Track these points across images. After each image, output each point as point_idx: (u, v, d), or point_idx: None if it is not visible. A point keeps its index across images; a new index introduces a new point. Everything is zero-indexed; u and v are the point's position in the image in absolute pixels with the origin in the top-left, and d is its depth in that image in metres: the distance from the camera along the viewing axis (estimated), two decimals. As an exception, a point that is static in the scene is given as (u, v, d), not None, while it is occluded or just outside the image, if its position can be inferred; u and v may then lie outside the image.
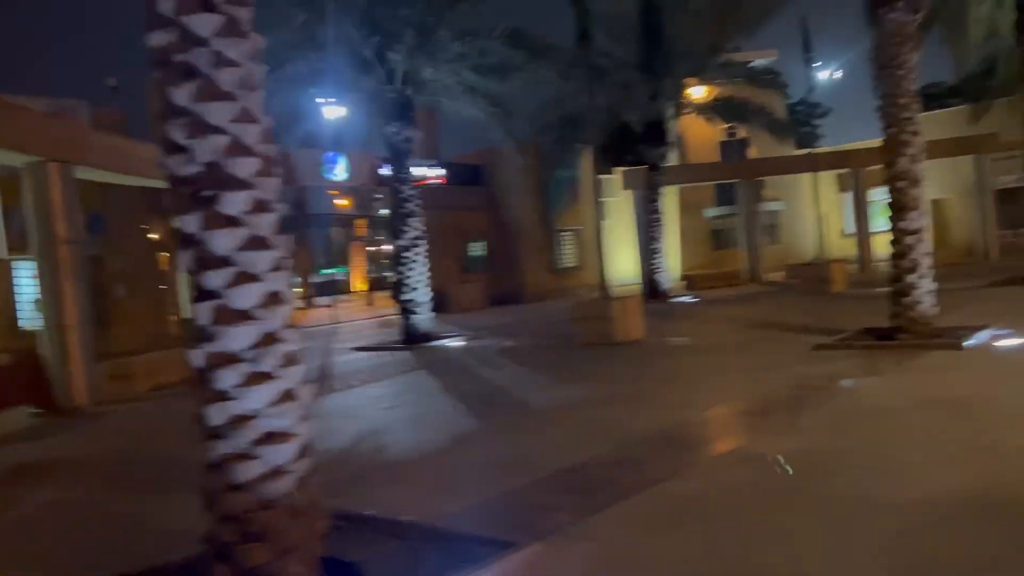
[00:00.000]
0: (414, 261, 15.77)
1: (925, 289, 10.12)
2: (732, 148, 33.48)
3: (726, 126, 31.82)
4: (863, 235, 26.87)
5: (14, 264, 13.06)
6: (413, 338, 15.66)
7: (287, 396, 3.70)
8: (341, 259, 41.29)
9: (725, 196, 31.99)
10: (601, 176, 31.69)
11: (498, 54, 15.29)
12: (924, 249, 10.16)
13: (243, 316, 3.60)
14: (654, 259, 22.62)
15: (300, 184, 24.59)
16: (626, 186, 26.81)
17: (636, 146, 22.95)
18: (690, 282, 26.33)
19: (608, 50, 21.21)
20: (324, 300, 33.07)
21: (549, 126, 22.15)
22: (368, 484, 5.83)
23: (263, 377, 3.62)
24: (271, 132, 3.83)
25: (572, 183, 29.61)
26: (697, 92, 32.18)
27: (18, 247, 12.91)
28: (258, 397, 3.59)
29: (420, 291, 15.79)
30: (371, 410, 9.10)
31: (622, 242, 32.50)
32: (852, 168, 27.19)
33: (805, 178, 33.10)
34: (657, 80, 21.36)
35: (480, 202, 28.84)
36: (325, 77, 14.93)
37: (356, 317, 26.24)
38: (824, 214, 28.54)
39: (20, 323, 12.92)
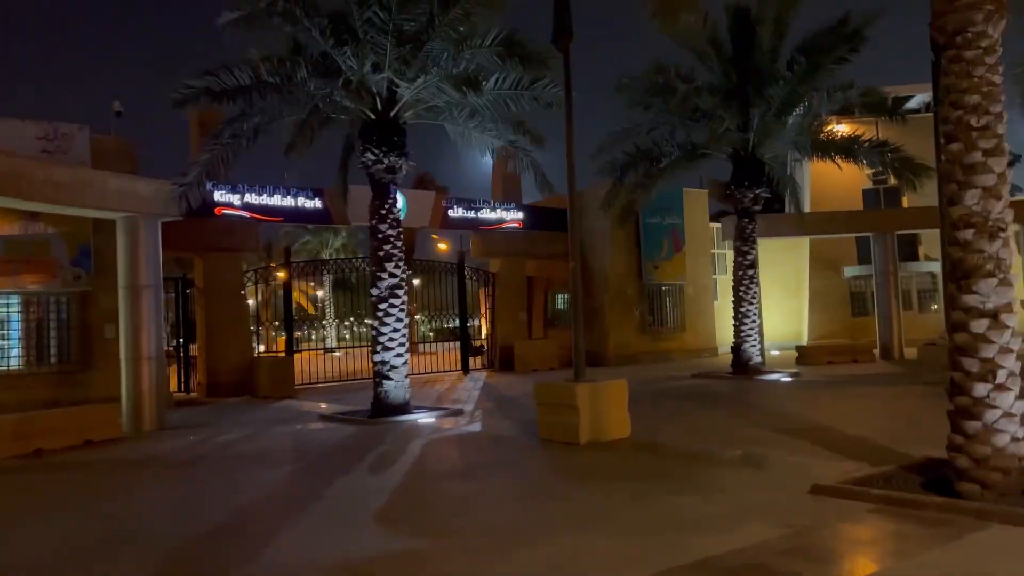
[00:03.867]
0: (388, 315, 12.99)
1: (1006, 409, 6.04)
2: (880, 197, 28.22)
3: (870, 171, 26.91)
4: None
5: None
6: (383, 409, 12.83)
7: None
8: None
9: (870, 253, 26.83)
10: (713, 224, 27.99)
11: (488, 67, 12.41)
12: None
13: None
14: (744, 324, 18.45)
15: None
16: (724, 236, 22.72)
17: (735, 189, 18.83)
18: (803, 354, 21.63)
19: (686, 72, 17.69)
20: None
21: (616, 163, 18.82)
22: None
23: None
24: None
25: (672, 231, 25.86)
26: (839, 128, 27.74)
27: None
28: None
29: (395, 351, 12.95)
30: None
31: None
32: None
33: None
34: (746, 108, 17.47)
35: (565, 250, 25.63)
36: (292, 97, 12.62)
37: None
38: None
39: None
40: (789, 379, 17.44)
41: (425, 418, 12.51)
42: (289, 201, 20.00)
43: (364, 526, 6.08)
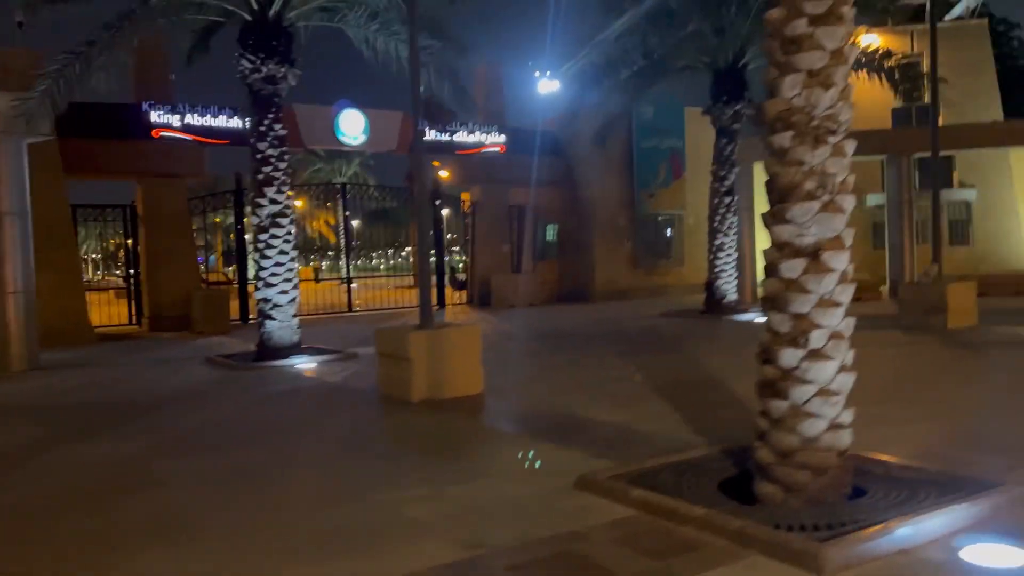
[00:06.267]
0: (270, 247, 11.59)
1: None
2: (912, 117, 25.29)
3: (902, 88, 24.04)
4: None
5: None
6: (266, 352, 11.60)
7: None
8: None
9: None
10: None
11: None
12: None
13: None
14: (717, 259, 16.53)
15: (306, 146, 21.06)
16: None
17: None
18: (799, 291, 19.52)
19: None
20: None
21: (584, 76, 16.78)
22: None
23: None
24: None
25: (672, 155, 23.67)
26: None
27: None
28: None
29: (278, 288, 11.61)
30: None
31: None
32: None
33: (1019, 158, 24.44)
34: (720, 8, 15.14)
35: (554, 177, 23.74)
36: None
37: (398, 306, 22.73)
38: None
39: None
40: (764, 319, 15.52)
41: (305, 363, 11.21)
42: (236, 122, 18.56)
43: None
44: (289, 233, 11.76)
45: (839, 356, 4.39)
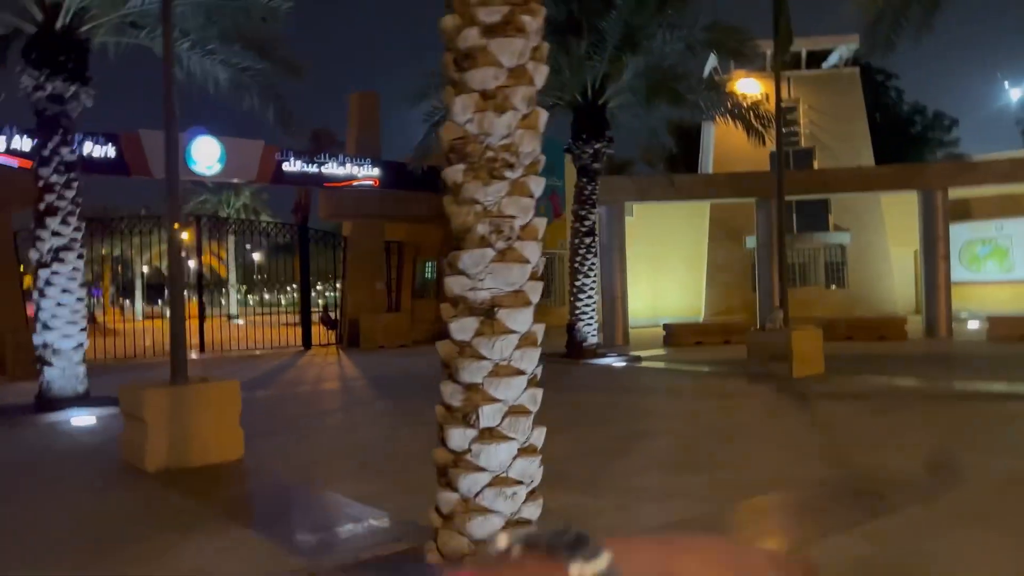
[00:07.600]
0: (51, 284, 10.29)
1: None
2: (790, 160, 25.62)
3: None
4: (932, 285, 18.85)
5: None
6: (45, 402, 10.24)
7: None
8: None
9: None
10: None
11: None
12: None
13: None
14: (579, 300, 15.88)
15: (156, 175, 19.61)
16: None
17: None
18: (670, 334, 19.18)
19: None
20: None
21: (438, 112, 16.09)
22: None
23: None
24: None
25: (552, 194, 23.16)
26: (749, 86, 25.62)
27: None
28: None
29: (60, 331, 10.30)
30: None
31: (656, 271, 25.87)
32: (924, 190, 19.12)
33: (890, 203, 24.94)
34: (585, 44, 14.68)
35: (432, 212, 22.88)
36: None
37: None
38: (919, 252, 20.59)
39: None
40: (622, 364, 14.99)
41: (82, 418, 9.87)
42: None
43: None
44: (75, 269, 10.47)
45: (519, 436, 3.57)
